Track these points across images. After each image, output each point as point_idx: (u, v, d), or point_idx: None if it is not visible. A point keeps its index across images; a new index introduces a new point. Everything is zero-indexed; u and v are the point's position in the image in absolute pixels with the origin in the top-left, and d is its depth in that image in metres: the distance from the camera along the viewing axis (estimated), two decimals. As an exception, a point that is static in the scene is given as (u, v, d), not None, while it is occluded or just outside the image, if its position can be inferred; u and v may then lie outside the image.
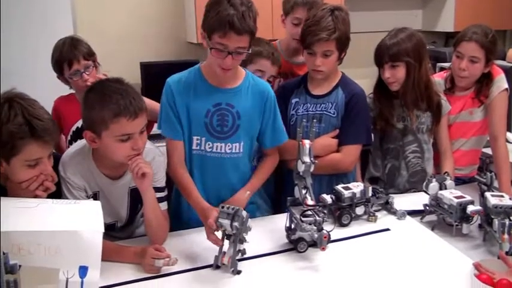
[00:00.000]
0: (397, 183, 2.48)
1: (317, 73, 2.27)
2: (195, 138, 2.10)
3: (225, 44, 1.89)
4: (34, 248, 1.36)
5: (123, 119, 1.75)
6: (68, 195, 1.87)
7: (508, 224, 1.82)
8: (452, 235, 2.00)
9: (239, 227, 1.73)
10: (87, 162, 1.91)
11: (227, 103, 2.07)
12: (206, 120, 2.06)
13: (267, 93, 2.13)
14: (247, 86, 2.11)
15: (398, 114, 2.44)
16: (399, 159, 2.47)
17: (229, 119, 2.08)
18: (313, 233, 1.78)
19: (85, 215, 1.52)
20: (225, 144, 2.10)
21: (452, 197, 1.99)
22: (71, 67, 2.31)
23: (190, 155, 2.12)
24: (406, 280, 1.70)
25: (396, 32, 2.37)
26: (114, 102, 1.75)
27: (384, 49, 2.35)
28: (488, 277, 1.58)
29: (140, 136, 1.82)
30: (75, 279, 1.39)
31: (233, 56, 1.92)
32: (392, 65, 2.34)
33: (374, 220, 2.13)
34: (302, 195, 1.85)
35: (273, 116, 2.16)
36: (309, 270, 1.78)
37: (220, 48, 1.91)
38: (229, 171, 2.15)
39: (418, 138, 2.45)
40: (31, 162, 1.62)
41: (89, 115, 1.81)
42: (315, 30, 2.18)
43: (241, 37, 1.89)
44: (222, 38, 1.88)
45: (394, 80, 2.36)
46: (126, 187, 1.99)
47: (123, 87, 1.82)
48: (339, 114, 2.29)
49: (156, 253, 1.78)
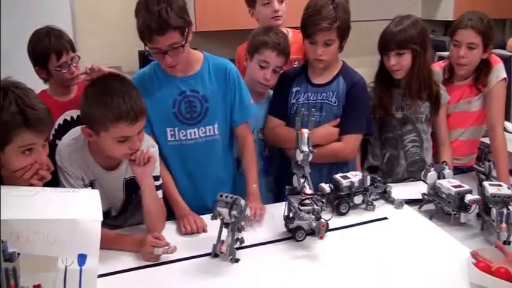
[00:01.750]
0: (396, 173, 2.48)
1: (318, 62, 2.27)
2: (168, 130, 2.13)
3: (156, 46, 1.94)
4: (33, 236, 1.36)
5: (123, 124, 1.74)
6: (66, 184, 1.87)
7: (505, 213, 1.83)
8: (450, 224, 2.00)
9: (237, 215, 1.73)
10: (83, 152, 1.91)
11: (191, 89, 2.11)
12: (174, 111, 2.10)
13: (228, 70, 2.16)
14: (207, 68, 2.14)
15: (398, 103, 2.44)
16: (398, 149, 2.47)
17: (196, 104, 2.12)
18: (311, 221, 1.79)
19: (84, 203, 1.52)
20: (198, 129, 2.14)
21: (451, 186, 2.00)
22: (60, 59, 2.26)
23: (167, 148, 2.14)
24: (403, 269, 1.71)
25: (401, 19, 2.36)
26: (115, 105, 1.73)
27: (389, 36, 2.34)
28: (486, 265, 1.58)
29: (138, 136, 1.83)
30: (74, 267, 1.39)
31: (169, 54, 1.95)
32: (398, 52, 2.33)
33: (372, 209, 2.13)
34: (300, 184, 1.85)
35: (238, 90, 2.18)
36: (307, 259, 1.79)
37: (155, 51, 1.96)
38: (209, 155, 2.18)
39: (416, 127, 2.45)
40: (24, 147, 1.61)
41: (88, 112, 1.80)
42: (316, 19, 2.17)
43: (166, 36, 1.91)
44: (151, 43, 1.94)
45: (399, 68, 2.36)
46: (121, 178, 1.99)
47: (126, 88, 1.80)
48: (340, 103, 2.29)
49: (155, 241, 1.78)
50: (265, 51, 2.35)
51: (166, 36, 1.90)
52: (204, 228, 1.98)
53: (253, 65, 2.39)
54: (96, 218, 1.45)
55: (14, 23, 3.26)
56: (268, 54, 2.35)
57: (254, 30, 2.46)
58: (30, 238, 1.36)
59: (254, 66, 2.38)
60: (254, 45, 2.38)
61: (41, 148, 1.67)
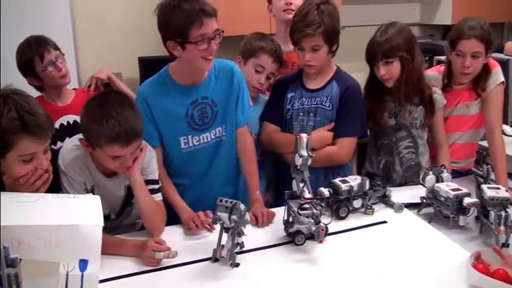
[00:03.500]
0: (393, 179, 2.49)
1: (309, 68, 2.29)
2: (181, 139, 2.14)
3: (205, 32, 1.92)
4: (34, 241, 1.37)
5: (115, 145, 1.79)
6: (69, 189, 1.89)
7: (504, 216, 1.84)
8: (449, 227, 2.01)
9: (237, 220, 1.74)
10: (85, 158, 1.94)
11: (202, 97, 2.13)
12: (188, 120, 2.12)
13: (234, 71, 2.19)
14: (214, 72, 2.15)
15: (390, 110, 2.45)
16: (393, 155, 2.48)
17: (207, 110, 2.14)
18: (311, 226, 1.80)
19: (85, 209, 1.53)
20: (210, 133, 2.17)
21: (449, 189, 2.00)
22: (43, 59, 2.31)
23: (181, 155, 2.16)
24: (403, 272, 1.72)
25: (386, 28, 2.36)
26: (110, 127, 1.76)
27: (376, 46, 2.34)
28: (485, 267, 1.59)
29: (131, 156, 1.87)
30: (76, 272, 1.40)
31: (214, 41, 1.96)
32: (386, 61, 2.33)
33: (371, 213, 2.14)
34: (300, 188, 1.86)
35: (241, 92, 2.20)
36: (306, 263, 1.79)
37: (201, 39, 1.92)
38: (217, 155, 2.21)
39: (411, 133, 2.46)
40: (26, 157, 1.62)
41: (86, 127, 1.85)
42: (301, 26, 2.20)
43: (213, 19, 1.93)
44: (200, 29, 1.90)
45: (390, 77, 2.36)
46: (122, 185, 2.02)
47: (124, 112, 1.81)
48: (334, 107, 2.30)
49: (156, 245, 1.79)
50: (262, 56, 2.39)
51: (213, 20, 1.93)
52: (211, 226, 2.00)
53: (248, 69, 2.42)
54: (97, 223, 1.45)
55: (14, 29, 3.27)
56: (265, 59, 2.39)
57: (248, 36, 2.49)
58: (32, 244, 1.37)
59: (249, 70, 2.42)
60: (250, 50, 2.41)
61: (42, 155, 1.68)
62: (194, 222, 2.01)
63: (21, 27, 3.21)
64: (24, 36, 2.37)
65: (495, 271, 1.58)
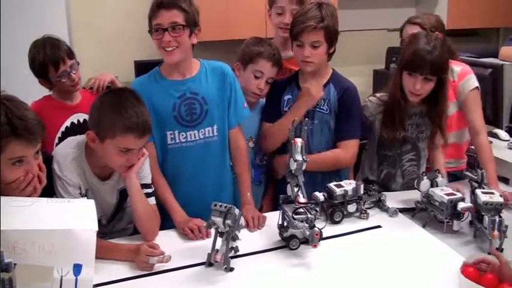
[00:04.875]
0: (392, 189, 2.46)
1: (306, 64, 2.27)
2: (168, 133, 2.16)
3: (159, 23, 2.03)
4: (29, 246, 1.37)
5: (131, 135, 1.82)
6: (64, 194, 1.88)
7: (498, 221, 1.85)
8: (443, 232, 2.01)
9: (231, 224, 1.74)
10: (80, 161, 1.93)
11: (191, 92, 2.15)
12: (175, 114, 2.14)
13: (225, 72, 2.22)
14: (205, 71, 2.20)
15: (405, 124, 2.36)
16: (395, 167, 2.45)
17: (196, 106, 2.15)
18: (305, 230, 1.80)
19: (79, 213, 1.53)
20: (198, 131, 2.17)
21: (443, 194, 2.01)
22: (58, 69, 2.29)
23: (167, 151, 2.17)
24: (397, 276, 1.72)
25: (430, 38, 2.19)
26: (128, 117, 1.81)
27: (425, 58, 2.14)
28: (475, 272, 1.59)
29: (138, 151, 1.90)
30: (70, 277, 1.40)
31: (170, 33, 2.03)
32: (427, 77, 2.18)
33: (366, 217, 2.15)
34: (294, 193, 1.87)
35: (234, 92, 2.22)
36: (301, 267, 1.80)
37: (156, 29, 2.04)
38: (206, 157, 2.21)
39: (416, 146, 2.43)
40: (14, 159, 1.62)
41: (100, 117, 1.86)
42: (302, 19, 2.21)
43: (171, 12, 2.02)
44: (155, 19, 2.04)
45: (421, 93, 2.23)
46: (115, 189, 2.02)
47: (140, 104, 1.88)
48: (331, 110, 2.31)
49: (150, 250, 1.79)
50: (260, 61, 2.38)
51: (171, 12, 2.02)
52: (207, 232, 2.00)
53: (247, 75, 2.41)
54: (91, 227, 1.46)
55: (11, 34, 3.28)
56: (263, 64, 2.38)
57: (246, 41, 2.48)
58: (26, 248, 1.37)
59: (248, 76, 2.41)
60: (249, 55, 2.40)
61: (32, 159, 1.68)
62: (190, 228, 2.01)
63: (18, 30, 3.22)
64: (21, 39, 2.37)
65: (484, 276, 1.58)
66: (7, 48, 3.27)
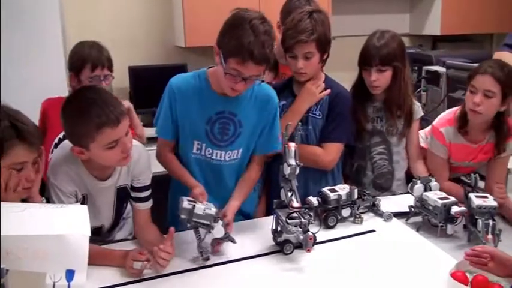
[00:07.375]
0: (363, 183, 2.49)
1: (300, 75, 2.29)
2: (195, 142, 2.11)
3: (241, 71, 1.87)
4: (22, 252, 1.37)
5: (106, 129, 1.74)
6: (56, 201, 1.86)
7: (491, 224, 1.86)
8: (437, 236, 2.02)
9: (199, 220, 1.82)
10: (76, 165, 1.90)
11: (230, 112, 2.07)
12: (207, 128, 2.07)
13: (272, 99, 2.14)
14: (251, 92, 2.09)
15: (369, 115, 2.46)
16: (365, 160, 2.49)
17: (230, 127, 2.09)
18: (299, 234, 1.80)
19: (71, 219, 1.52)
20: (225, 153, 2.12)
21: (437, 198, 2.02)
22: (94, 70, 2.29)
23: (189, 159, 2.14)
24: (391, 281, 1.72)
25: (382, 34, 2.36)
26: (94, 115, 1.73)
27: (372, 51, 2.33)
28: (463, 275, 1.59)
29: (126, 137, 1.82)
30: (62, 282, 1.39)
31: (246, 82, 1.93)
32: (380, 69, 2.33)
33: (360, 222, 2.15)
34: (288, 197, 1.87)
35: (271, 122, 2.15)
36: (295, 272, 1.80)
37: (235, 74, 1.89)
38: (227, 177, 2.17)
39: (386, 140, 2.46)
40: (17, 166, 1.64)
41: (72, 131, 1.81)
42: (294, 33, 2.19)
43: (259, 67, 1.88)
44: (239, 65, 1.86)
45: (379, 85, 2.36)
46: (113, 187, 1.99)
47: (100, 96, 1.79)
48: (323, 115, 2.31)
49: (136, 255, 1.77)
50: None
51: (258, 67, 1.88)
52: None
53: None
54: (84, 233, 1.45)
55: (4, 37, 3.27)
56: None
57: None
58: (19, 254, 1.36)
59: None
60: None
61: (31, 166, 1.69)
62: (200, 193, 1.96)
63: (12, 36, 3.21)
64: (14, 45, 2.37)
65: (474, 277, 1.59)
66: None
